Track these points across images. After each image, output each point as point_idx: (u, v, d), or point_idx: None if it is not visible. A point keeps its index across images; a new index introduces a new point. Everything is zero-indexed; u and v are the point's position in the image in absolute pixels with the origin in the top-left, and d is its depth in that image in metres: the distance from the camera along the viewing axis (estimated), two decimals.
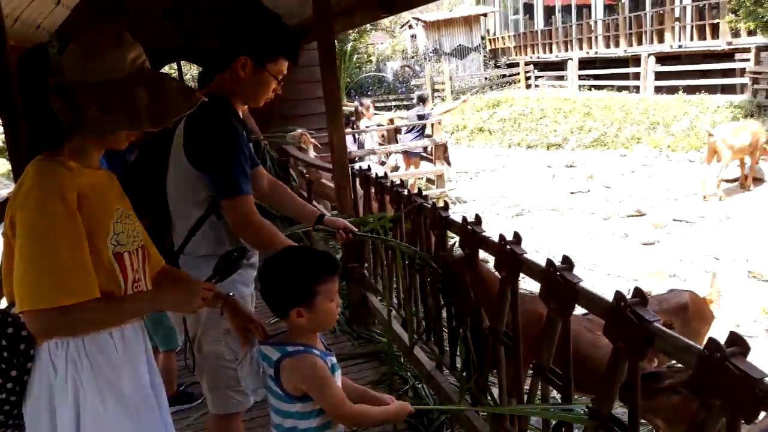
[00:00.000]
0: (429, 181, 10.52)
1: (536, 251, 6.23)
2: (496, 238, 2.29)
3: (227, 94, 2.01)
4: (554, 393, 2.08)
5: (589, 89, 18.43)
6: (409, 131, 10.60)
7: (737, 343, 1.32)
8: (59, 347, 1.36)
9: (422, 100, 11.33)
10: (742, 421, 1.32)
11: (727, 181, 9.29)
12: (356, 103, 12.12)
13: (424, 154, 10.66)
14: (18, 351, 1.35)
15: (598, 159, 12.96)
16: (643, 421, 1.78)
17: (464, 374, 2.73)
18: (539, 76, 22.19)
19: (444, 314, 2.97)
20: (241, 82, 2.01)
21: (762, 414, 1.29)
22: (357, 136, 10.29)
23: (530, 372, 2.19)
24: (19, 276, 1.29)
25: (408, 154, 10.50)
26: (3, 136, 26.50)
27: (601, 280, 6.01)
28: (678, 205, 8.90)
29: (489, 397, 2.49)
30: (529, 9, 25.52)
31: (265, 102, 2.13)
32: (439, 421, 2.83)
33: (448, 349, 2.91)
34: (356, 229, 2.50)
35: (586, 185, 10.59)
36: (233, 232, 1.98)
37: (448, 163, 10.76)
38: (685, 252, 7.00)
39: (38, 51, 1.36)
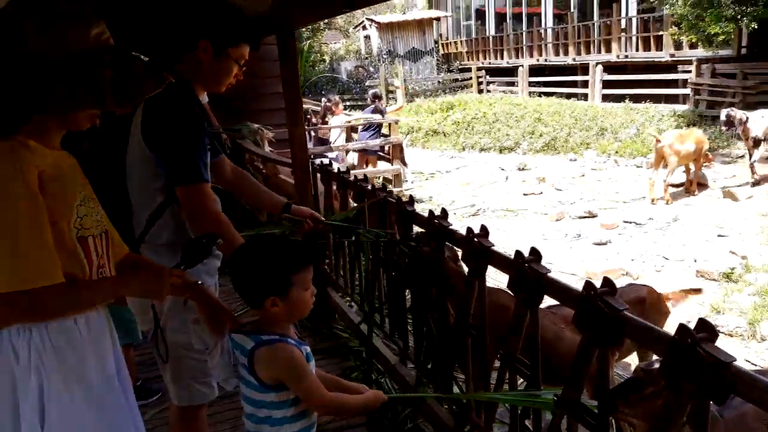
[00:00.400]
0: (386, 180, 10.54)
1: None
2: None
3: (188, 80, 1.97)
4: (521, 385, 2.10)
5: (539, 96, 18.84)
6: (365, 129, 10.59)
7: (706, 329, 1.36)
8: (21, 334, 1.28)
9: (377, 97, 11.32)
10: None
11: (674, 185, 9.66)
12: (324, 99, 12.07)
13: (381, 153, 10.67)
14: None
15: (549, 163, 13.28)
16: None
17: (428, 366, 2.74)
18: (491, 82, 22.54)
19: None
20: (202, 67, 1.97)
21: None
22: (313, 133, 10.22)
23: (497, 364, 2.22)
24: None
25: (365, 152, 10.48)
26: None
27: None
28: (627, 208, 9.20)
29: (456, 389, 2.50)
30: (481, 15, 25.88)
31: (226, 89, 2.09)
32: (403, 414, 2.82)
33: (412, 343, 2.91)
34: (323, 219, 2.48)
35: (538, 187, 10.82)
36: (188, 223, 1.92)
37: (404, 164, 10.80)
38: (636, 252, 7.25)
39: None
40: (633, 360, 3.96)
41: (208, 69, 1.98)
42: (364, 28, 26.76)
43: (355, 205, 3.66)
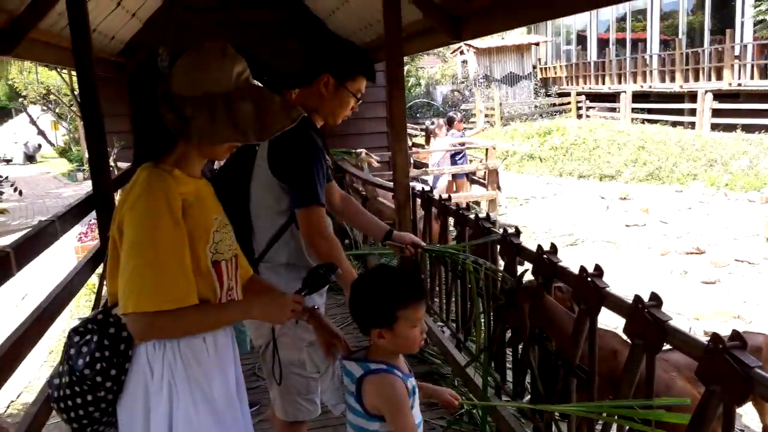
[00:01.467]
0: (477, 204, 10.41)
1: None
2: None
3: (308, 111, 2.05)
4: None
5: (643, 122, 18.09)
6: (454, 155, 10.56)
7: None
8: (156, 349, 1.38)
9: (450, 122, 11.18)
10: None
11: None
12: (428, 122, 12.20)
13: (473, 177, 10.58)
14: (118, 351, 1.37)
15: (652, 193, 12.64)
16: None
17: (525, 401, 2.66)
18: (590, 107, 21.93)
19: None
20: (323, 99, 2.08)
21: None
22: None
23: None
24: (124, 279, 1.32)
25: (454, 176, 10.42)
26: (64, 136, 27.25)
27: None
28: (739, 245, 8.57)
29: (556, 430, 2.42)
30: (582, 40, 25.38)
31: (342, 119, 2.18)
32: None
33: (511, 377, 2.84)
34: (424, 244, 2.49)
35: (641, 219, 10.31)
36: (305, 242, 2.00)
37: (499, 188, 10.64)
38: (749, 293, 6.71)
39: (149, 62, 1.40)
40: (742, 411, 3.67)
41: (328, 101, 2.08)
42: (462, 53, 26.83)
43: (456, 229, 3.66)
